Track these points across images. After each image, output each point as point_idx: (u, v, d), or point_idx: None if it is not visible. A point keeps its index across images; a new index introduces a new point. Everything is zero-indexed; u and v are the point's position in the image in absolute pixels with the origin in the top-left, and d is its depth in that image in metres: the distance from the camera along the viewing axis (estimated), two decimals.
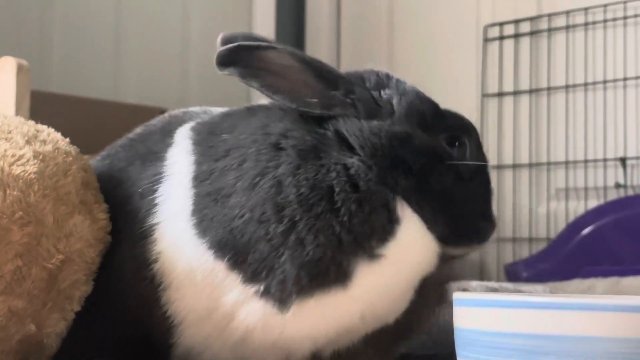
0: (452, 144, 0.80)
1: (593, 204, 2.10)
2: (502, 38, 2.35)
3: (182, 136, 0.81)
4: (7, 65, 1.25)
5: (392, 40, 2.59)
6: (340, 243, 0.74)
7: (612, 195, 2.10)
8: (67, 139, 0.82)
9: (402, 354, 0.92)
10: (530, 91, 2.28)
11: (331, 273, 0.74)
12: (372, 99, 0.80)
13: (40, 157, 0.75)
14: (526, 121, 2.28)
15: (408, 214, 0.76)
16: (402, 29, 2.58)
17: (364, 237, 0.74)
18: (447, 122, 0.81)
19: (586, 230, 2.01)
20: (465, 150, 0.80)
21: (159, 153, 0.81)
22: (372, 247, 0.75)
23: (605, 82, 2.16)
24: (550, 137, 2.24)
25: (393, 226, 0.75)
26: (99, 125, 1.68)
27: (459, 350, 0.63)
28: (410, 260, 0.77)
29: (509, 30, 2.34)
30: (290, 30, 2.69)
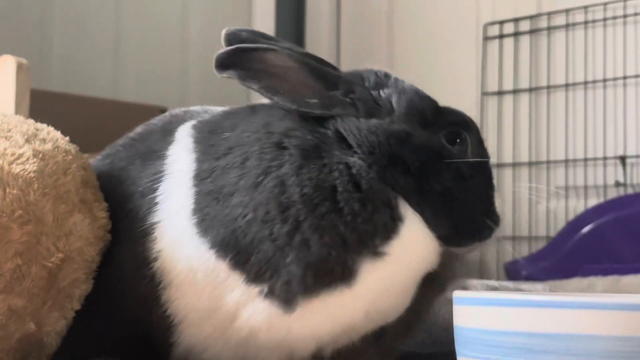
0: (453, 141, 0.79)
1: (593, 202, 2.11)
2: (501, 36, 2.35)
3: (183, 134, 0.81)
4: (7, 64, 1.25)
5: (391, 39, 2.59)
6: (345, 242, 0.74)
7: (612, 194, 2.10)
8: (67, 138, 0.82)
9: (402, 353, 0.92)
10: (530, 89, 2.28)
11: (336, 272, 0.74)
12: (372, 98, 0.79)
13: (40, 155, 0.75)
14: (526, 120, 2.28)
15: (410, 212, 0.76)
16: (401, 28, 2.58)
17: (367, 235, 0.74)
18: (447, 119, 0.81)
19: (586, 229, 2.01)
20: (466, 146, 0.80)
21: (159, 151, 0.81)
22: (375, 246, 0.75)
23: (605, 80, 2.16)
24: (550, 135, 2.24)
25: (396, 224, 0.75)
26: (99, 123, 1.68)
27: (459, 349, 0.63)
28: (414, 258, 0.77)
29: (509, 28, 2.34)
30: (290, 30, 2.69)
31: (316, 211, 0.73)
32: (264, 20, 2.59)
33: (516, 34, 2.33)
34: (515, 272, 1.97)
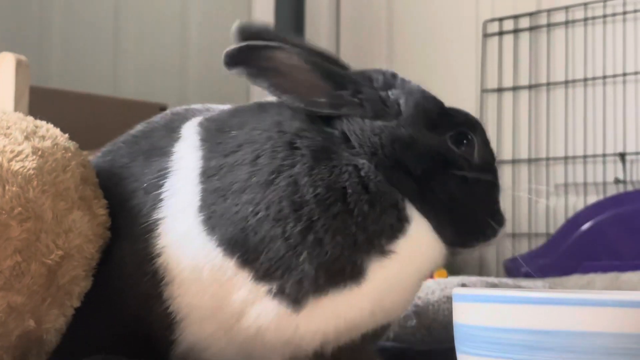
0: (460, 142, 0.80)
1: (592, 199, 2.11)
2: (501, 33, 2.35)
3: (189, 131, 0.81)
4: (6, 61, 1.25)
5: (391, 37, 2.59)
6: (356, 242, 0.74)
7: (612, 191, 2.10)
8: (66, 135, 0.82)
9: (401, 349, 0.93)
10: (530, 87, 2.28)
11: (346, 271, 0.74)
12: (380, 100, 0.79)
13: (39, 152, 0.75)
14: (525, 117, 2.28)
15: (416, 214, 0.77)
16: (401, 25, 2.58)
17: (376, 235, 0.75)
18: (453, 120, 0.81)
19: (585, 226, 2.01)
20: (472, 148, 0.80)
21: (164, 148, 0.80)
22: (382, 245, 0.75)
23: (604, 77, 2.16)
24: (549, 132, 2.25)
25: (403, 225, 0.76)
26: (98, 121, 1.68)
27: (459, 346, 0.63)
28: (420, 257, 0.78)
29: (508, 25, 2.34)
30: (289, 29, 2.69)
31: (329, 211, 0.73)
32: (263, 19, 2.59)
33: (516, 31, 2.33)
34: (515, 269, 1.97)
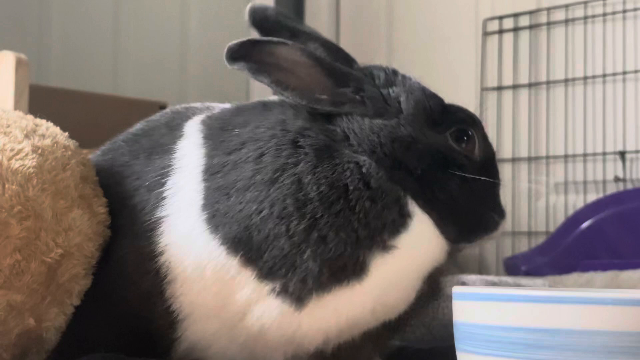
0: (460, 139, 0.80)
1: (592, 197, 2.11)
2: (501, 32, 2.35)
3: (191, 129, 0.81)
4: (6, 60, 1.25)
5: (391, 35, 2.59)
6: (358, 239, 0.74)
7: (611, 189, 2.10)
8: (66, 133, 0.82)
9: (401, 347, 0.93)
10: (530, 85, 2.28)
11: (349, 268, 0.75)
12: (381, 97, 0.79)
13: (39, 151, 0.75)
14: (525, 115, 2.28)
15: (418, 210, 0.77)
16: (401, 23, 2.58)
17: (377, 230, 0.75)
18: (453, 117, 0.81)
19: (585, 224, 2.01)
20: (473, 144, 0.80)
21: (166, 146, 0.80)
22: (384, 240, 0.75)
23: (604, 75, 2.16)
24: (549, 130, 2.24)
25: (405, 220, 0.76)
26: (98, 119, 1.68)
27: (458, 344, 0.63)
28: (421, 252, 0.78)
29: (508, 24, 2.34)
30: None
31: (332, 209, 0.74)
32: None
33: (515, 30, 2.33)
34: (515, 267, 1.97)
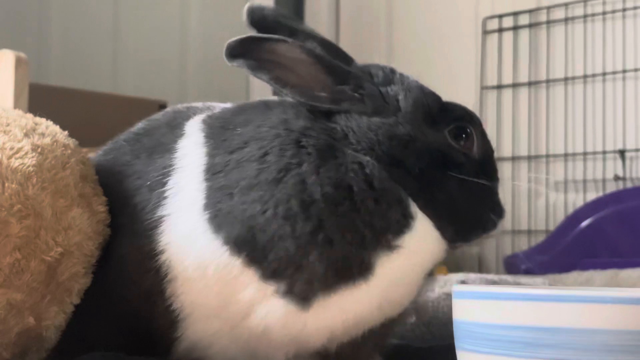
0: (459, 137, 0.80)
1: (592, 196, 2.11)
2: (501, 30, 2.35)
3: (193, 128, 0.80)
4: (6, 59, 1.25)
5: (390, 34, 2.59)
6: (363, 239, 0.74)
7: (611, 188, 2.10)
8: (66, 132, 0.82)
9: (400, 346, 0.93)
10: (529, 84, 2.28)
11: (355, 268, 0.75)
12: (380, 95, 0.79)
13: (39, 149, 0.75)
14: (525, 114, 2.28)
15: (419, 210, 0.77)
16: (400, 23, 2.58)
17: (382, 231, 0.75)
18: (451, 114, 0.81)
19: (585, 223, 2.01)
20: (472, 142, 0.80)
21: (167, 145, 0.80)
22: (389, 240, 0.75)
23: (604, 74, 2.16)
24: (549, 129, 2.25)
25: (408, 220, 0.76)
26: (98, 117, 1.68)
27: (458, 343, 0.63)
28: (424, 251, 0.78)
29: (508, 22, 2.34)
30: None
31: (337, 210, 0.74)
32: None
33: (515, 28, 2.33)
34: (515, 266, 1.98)
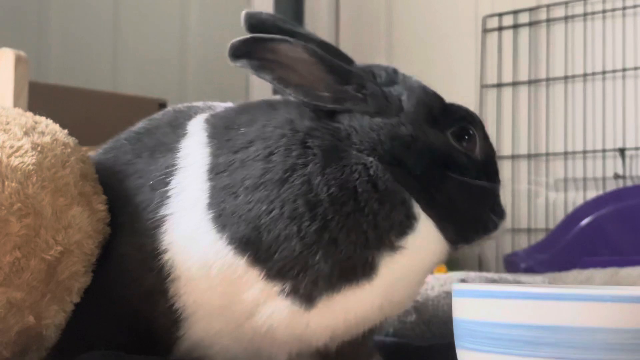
0: (461, 138, 0.80)
1: (592, 194, 2.11)
2: (500, 29, 2.35)
3: (195, 128, 0.80)
4: (6, 57, 1.25)
5: (390, 32, 2.59)
6: (368, 240, 0.75)
7: (611, 186, 2.10)
8: (66, 131, 0.82)
9: (401, 344, 0.93)
10: (529, 82, 2.28)
11: (359, 268, 0.75)
12: (383, 95, 0.80)
13: (39, 148, 0.75)
14: (525, 112, 2.28)
15: (421, 211, 0.77)
16: (400, 22, 2.58)
17: (386, 231, 0.75)
18: (454, 115, 0.81)
19: (585, 221, 2.01)
20: (474, 143, 0.80)
21: (170, 144, 0.80)
22: (392, 241, 0.76)
23: (604, 72, 2.16)
24: (549, 127, 2.25)
25: (411, 221, 0.76)
26: (98, 116, 1.68)
27: (458, 341, 0.63)
28: (427, 251, 0.78)
29: (508, 21, 2.34)
30: None
31: (342, 210, 0.74)
32: None
33: (515, 27, 2.33)
34: (515, 264, 1.98)
